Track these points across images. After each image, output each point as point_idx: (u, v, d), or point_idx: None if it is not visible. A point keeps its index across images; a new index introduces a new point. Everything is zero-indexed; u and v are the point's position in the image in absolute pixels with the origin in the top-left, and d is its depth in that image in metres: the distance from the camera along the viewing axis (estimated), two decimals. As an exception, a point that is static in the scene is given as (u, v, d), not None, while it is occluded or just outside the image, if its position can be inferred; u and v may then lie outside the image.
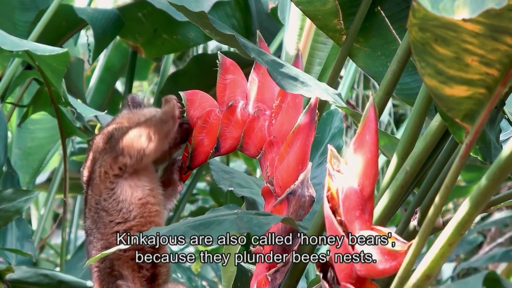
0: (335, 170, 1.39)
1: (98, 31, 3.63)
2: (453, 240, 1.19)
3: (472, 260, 5.13)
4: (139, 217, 1.78)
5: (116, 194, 1.78)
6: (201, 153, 1.83)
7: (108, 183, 1.79)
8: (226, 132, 1.80)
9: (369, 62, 1.97)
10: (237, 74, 1.82)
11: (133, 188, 1.79)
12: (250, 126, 1.78)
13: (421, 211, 1.63)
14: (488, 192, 1.15)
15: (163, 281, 1.82)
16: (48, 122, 4.02)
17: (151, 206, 1.79)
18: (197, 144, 1.82)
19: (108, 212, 1.78)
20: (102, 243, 1.79)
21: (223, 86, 1.82)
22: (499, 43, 1.18)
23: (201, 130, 1.82)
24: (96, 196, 1.80)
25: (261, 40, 1.79)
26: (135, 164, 1.77)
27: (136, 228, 1.77)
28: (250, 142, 1.79)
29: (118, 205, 1.78)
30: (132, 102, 1.89)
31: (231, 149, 1.82)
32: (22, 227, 3.50)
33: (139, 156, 1.77)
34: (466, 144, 1.25)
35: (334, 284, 1.42)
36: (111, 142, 1.80)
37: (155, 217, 1.79)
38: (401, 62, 1.68)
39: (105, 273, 1.80)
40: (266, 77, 1.77)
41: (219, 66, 1.81)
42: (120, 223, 1.78)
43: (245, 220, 1.52)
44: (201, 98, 1.83)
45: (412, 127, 1.57)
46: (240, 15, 3.88)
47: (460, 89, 1.24)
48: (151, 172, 1.83)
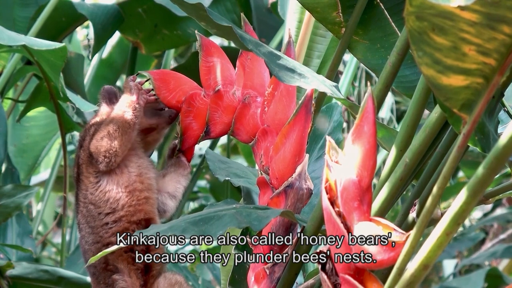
0: (333, 161, 1.39)
1: (98, 26, 3.63)
2: (450, 229, 1.18)
3: (474, 257, 5.13)
4: (127, 206, 1.76)
5: (102, 186, 1.77)
6: (190, 136, 1.82)
7: (92, 178, 1.78)
8: (215, 117, 1.79)
9: (368, 55, 1.96)
10: (221, 57, 1.81)
11: (119, 176, 1.77)
12: (241, 113, 1.77)
13: (420, 203, 1.62)
14: (485, 181, 1.14)
15: (157, 271, 1.82)
16: (43, 119, 4.02)
17: (139, 193, 1.78)
18: (185, 127, 1.81)
19: (95, 204, 1.77)
20: (93, 237, 1.78)
21: (207, 69, 1.79)
22: (496, 32, 1.18)
23: (188, 113, 1.80)
24: (83, 191, 1.79)
25: (246, 23, 1.77)
26: (108, 165, 1.76)
27: (126, 218, 1.76)
28: (242, 128, 1.78)
29: (105, 195, 1.77)
30: (107, 94, 1.84)
31: (222, 133, 1.82)
32: (23, 224, 3.50)
33: (108, 159, 1.75)
34: (464, 134, 1.25)
35: (332, 275, 1.42)
36: (84, 143, 1.80)
37: (144, 205, 1.78)
38: (400, 54, 1.67)
39: (100, 268, 1.79)
40: (255, 63, 1.76)
41: (199, 48, 1.80)
42: (108, 214, 1.76)
43: (244, 214, 1.52)
44: (178, 80, 1.81)
45: (411, 119, 1.57)
46: (241, 10, 3.88)
47: (457, 79, 1.23)
48: (139, 157, 1.81)
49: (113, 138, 1.74)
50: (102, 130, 1.75)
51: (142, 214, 1.77)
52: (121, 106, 1.77)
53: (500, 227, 6.08)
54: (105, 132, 1.75)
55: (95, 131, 1.77)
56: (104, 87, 1.85)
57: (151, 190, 1.80)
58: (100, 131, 1.76)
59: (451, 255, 5.30)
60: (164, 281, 1.81)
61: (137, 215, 1.77)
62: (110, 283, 1.78)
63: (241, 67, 1.80)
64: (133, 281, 1.78)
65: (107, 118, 1.78)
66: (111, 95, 1.83)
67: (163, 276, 1.82)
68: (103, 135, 1.74)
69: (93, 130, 1.78)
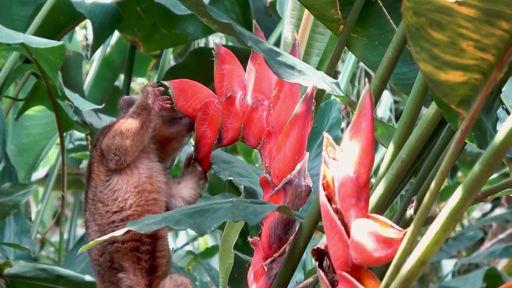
0: (331, 157, 1.38)
1: (96, 25, 3.63)
2: (447, 225, 1.18)
3: (473, 256, 5.12)
4: (135, 205, 1.77)
5: (111, 184, 1.78)
6: (205, 144, 1.83)
7: (102, 176, 1.79)
8: (227, 123, 1.80)
9: (367, 52, 1.96)
10: (234, 64, 1.82)
11: (129, 176, 1.79)
12: (249, 117, 1.78)
13: (418, 200, 1.62)
14: (481, 177, 1.14)
15: (163, 272, 1.82)
16: (43, 118, 4.01)
17: (148, 194, 1.79)
18: (200, 136, 1.82)
19: (104, 202, 1.78)
20: (100, 235, 1.78)
21: (220, 77, 1.81)
22: (494, 28, 1.17)
23: (202, 122, 1.82)
24: (92, 189, 1.81)
25: (257, 29, 1.78)
26: (118, 163, 1.77)
27: (133, 217, 1.77)
28: (250, 132, 1.79)
29: (114, 194, 1.78)
30: (126, 104, 1.87)
31: (233, 140, 1.82)
32: (20, 222, 3.50)
33: (118, 156, 1.76)
34: (461, 130, 1.24)
35: (330, 272, 1.42)
36: (98, 143, 1.81)
37: (152, 206, 1.79)
38: (397, 49, 1.67)
39: (105, 267, 1.80)
40: (263, 67, 1.76)
41: (215, 56, 1.81)
42: (116, 212, 1.77)
43: (240, 208, 1.52)
44: (194, 88, 1.83)
45: (409, 115, 1.57)
46: (239, 9, 3.87)
47: (455, 75, 1.23)
48: (150, 160, 1.82)
49: (124, 137, 1.76)
50: (115, 129, 1.79)
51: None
52: (136, 109, 1.79)
53: (499, 227, 6.08)
54: (117, 132, 1.78)
55: (109, 131, 1.80)
56: (123, 97, 1.89)
57: (160, 193, 1.81)
58: (113, 131, 1.79)
59: (449, 254, 5.30)
60: (170, 281, 1.82)
61: (144, 215, 1.77)
62: (115, 281, 1.79)
63: (250, 72, 1.81)
64: (138, 280, 1.78)
65: (121, 119, 1.80)
66: (129, 105, 1.85)
67: (169, 277, 1.83)
68: (115, 134, 1.77)
69: (107, 131, 1.81)
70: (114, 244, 1.78)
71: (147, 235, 1.78)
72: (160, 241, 1.82)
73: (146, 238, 1.79)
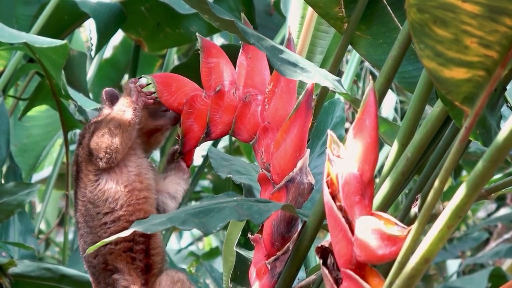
0: (335, 155, 1.38)
1: (100, 24, 3.62)
2: (451, 222, 1.18)
3: (478, 256, 5.12)
4: (126, 205, 1.76)
5: (101, 185, 1.77)
6: (191, 138, 1.81)
7: (91, 175, 1.78)
8: (216, 117, 1.79)
9: (371, 50, 1.95)
10: (221, 57, 1.80)
11: (118, 175, 1.77)
12: (242, 112, 1.77)
13: (422, 198, 1.61)
14: (485, 174, 1.13)
15: (158, 270, 1.81)
16: (44, 119, 4.02)
17: (138, 192, 1.77)
18: (186, 129, 1.81)
19: (94, 203, 1.77)
20: (92, 237, 1.77)
21: (207, 70, 1.80)
22: (498, 25, 1.17)
23: (189, 115, 1.80)
24: (82, 189, 1.79)
25: (246, 22, 1.77)
26: (108, 161, 1.76)
27: (124, 217, 1.76)
28: (243, 127, 1.77)
29: (104, 194, 1.76)
30: (109, 96, 1.84)
31: (222, 134, 1.81)
32: (25, 222, 3.50)
33: (109, 155, 1.75)
34: (465, 127, 1.24)
35: (334, 270, 1.41)
36: (84, 140, 1.80)
37: (143, 204, 1.78)
38: (402, 47, 1.67)
39: (100, 268, 1.78)
40: (256, 61, 1.75)
41: (201, 49, 1.80)
42: (107, 213, 1.76)
43: (245, 207, 1.51)
44: (179, 82, 1.81)
45: (413, 113, 1.57)
46: (243, 8, 3.87)
47: (459, 72, 1.23)
48: (138, 156, 1.81)
49: (114, 135, 1.74)
50: (102, 127, 1.76)
51: (142, 213, 1.77)
52: (120, 106, 1.77)
53: (504, 227, 6.07)
54: (106, 129, 1.75)
55: (96, 128, 1.77)
56: (105, 89, 1.86)
57: (150, 190, 1.80)
58: (100, 129, 1.76)
59: (454, 255, 5.29)
60: (167, 278, 1.81)
61: (136, 215, 1.76)
62: (111, 282, 1.78)
63: (241, 66, 1.80)
64: (134, 279, 1.77)
65: (107, 117, 1.78)
66: (112, 97, 1.83)
67: (165, 274, 1.82)
68: (104, 132, 1.75)
69: (93, 128, 1.78)
70: (107, 246, 1.76)
71: (140, 234, 1.76)
72: (153, 239, 1.80)
73: (139, 237, 1.78)
